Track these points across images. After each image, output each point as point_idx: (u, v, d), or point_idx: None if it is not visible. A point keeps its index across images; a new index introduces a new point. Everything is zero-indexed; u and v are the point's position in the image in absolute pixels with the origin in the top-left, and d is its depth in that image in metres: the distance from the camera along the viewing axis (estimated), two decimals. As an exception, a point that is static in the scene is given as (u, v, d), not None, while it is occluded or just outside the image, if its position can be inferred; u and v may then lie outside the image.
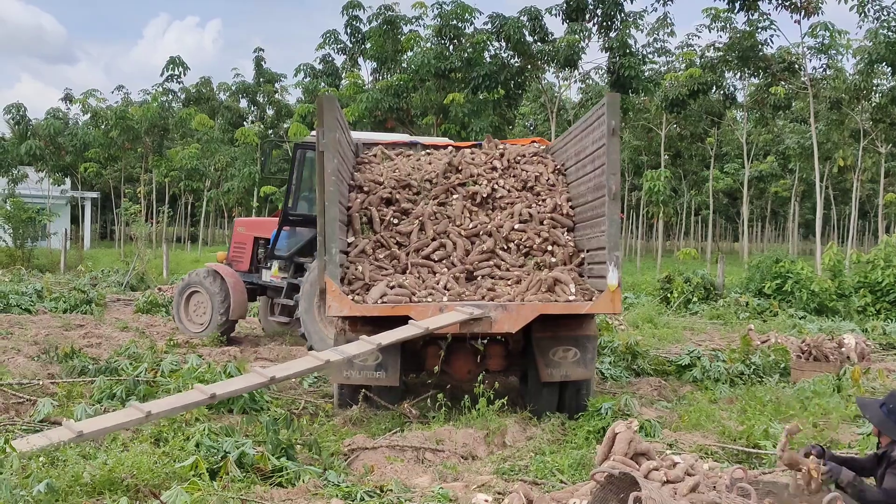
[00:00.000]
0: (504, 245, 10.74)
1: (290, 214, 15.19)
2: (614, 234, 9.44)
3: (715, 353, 13.77)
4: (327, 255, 9.38)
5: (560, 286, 9.88)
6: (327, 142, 9.44)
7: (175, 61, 41.76)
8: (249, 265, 16.38)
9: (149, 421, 7.52)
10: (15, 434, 8.04)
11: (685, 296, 22.36)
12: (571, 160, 11.40)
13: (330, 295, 9.25)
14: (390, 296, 9.63)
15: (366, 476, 7.31)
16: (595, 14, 29.87)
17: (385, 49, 31.84)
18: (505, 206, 11.27)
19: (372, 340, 8.94)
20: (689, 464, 6.03)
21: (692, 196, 55.23)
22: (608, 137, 9.46)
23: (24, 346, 13.76)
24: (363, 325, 9.69)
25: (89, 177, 50.82)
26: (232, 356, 13.56)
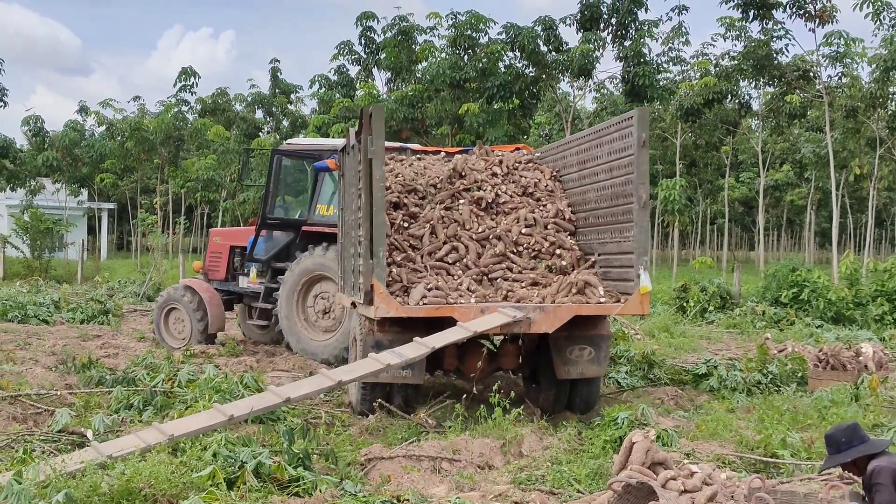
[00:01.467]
0: (513, 248, 11.05)
1: (269, 219, 15.63)
2: (644, 240, 9.86)
3: (732, 363, 13.71)
4: (374, 258, 9.68)
5: (589, 289, 10.30)
6: (376, 149, 9.70)
7: (187, 72, 41.89)
8: (226, 274, 16.74)
9: (231, 423, 8.05)
10: (34, 444, 8.07)
11: (701, 305, 22.31)
12: (572, 168, 11.75)
13: (377, 297, 9.55)
14: (429, 297, 9.98)
15: (382, 486, 7.31)
16: (609, 23, 29.87)
17: (400, 59, 31.87)
18: (508, 210, 11.55)
19: (426, 343, 9.31)
20: (706, 473, 6.02)
21: (707, 205, 55.11)
22: (637, 149, 9.78)
23: (42, 357, 13.83)
24: (391, 325, 10.04)
25: (106, 188, 51.02)
26: (248, 367, 13.59)
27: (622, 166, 10.20)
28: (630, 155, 9.97)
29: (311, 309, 14.78)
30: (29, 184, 41.13)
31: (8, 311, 19.93)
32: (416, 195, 11.51)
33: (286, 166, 16.28)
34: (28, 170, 39.89)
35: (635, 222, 9.85)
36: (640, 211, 9.83)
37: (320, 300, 14.72)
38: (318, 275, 14.64)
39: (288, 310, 14.73)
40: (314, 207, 15.22)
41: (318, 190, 15.24)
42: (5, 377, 11.23)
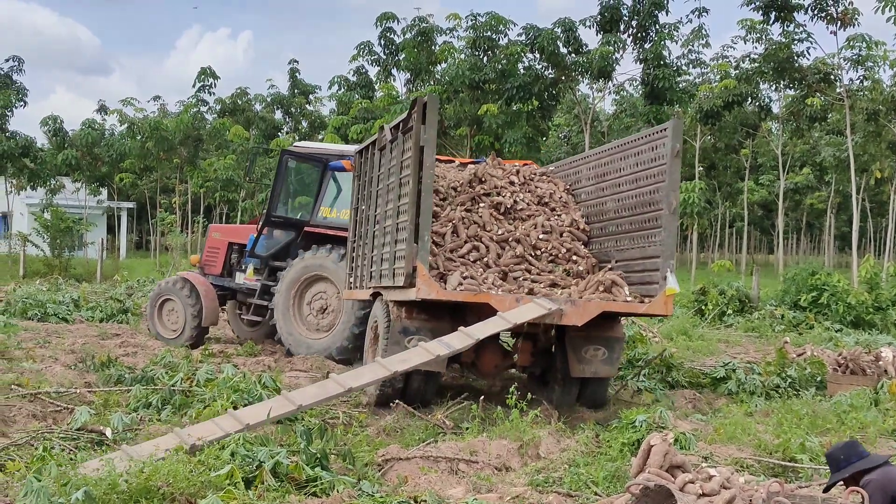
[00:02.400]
0: (532, 252, 11.43)
1: (273, 216, 15.94)
2: (671, 244, 10.43)
3: (750, 366, 13.67)
4: (419, 241, 10.14)
5: (616, 288, 10.77)
6: (428, 137, 10.17)
7: (206, 72, 42.04)
8: (222, 269, 16.98)
9: (299, 412, 8.47)
10: (53, 442, 8.11)
11: (720, 308, 22.25)
12: (588, 181, 12.43)
13: (420, 279, 9.99)
14: (465, 285, 10.38)
15: (400, 486, 7.31)
16: (630, 25, 29.83)
17: (419, 60, 31.88)
18: (525, 217, 11.99)
19: (471, 333, 9.69)
20: (724, 477, 5.99)
21: (727, 208, 54.95)
22: (671, 158, 10.28)
23: (62, 355, 13.89)
24: (418, 312, 10.60)
25: (125, 187, 51.25)
26: (266, 366, 13.62)
27: (651, 175, 10.70)
28: (662, 164, 10.44)
29: (307, 307, 15.11)
30: (49, 183, 41.33)
31: (28, 310, 20.03)
32: (437, 196, 11.68)
33: (293, 167, 16.58)
34: (48, 169, 40.08)
35: (664, 227, 10.37)
36: (670, 217, 10.33)
37: (318, 299, 15.05)
38: (316, 275, 15.01)
39: (284, 306, 15.08)
40: (318, 209, 15.56)
41: (323, 192, 15.59)
42: (25, 375, 11.29)
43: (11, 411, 9.47)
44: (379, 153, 12.09)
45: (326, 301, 14.98)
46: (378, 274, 11.53)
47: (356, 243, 13.23)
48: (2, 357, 13.03)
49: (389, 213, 11.27)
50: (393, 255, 10.88)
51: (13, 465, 7.31)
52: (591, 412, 11.01)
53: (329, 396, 8.89)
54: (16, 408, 9.56)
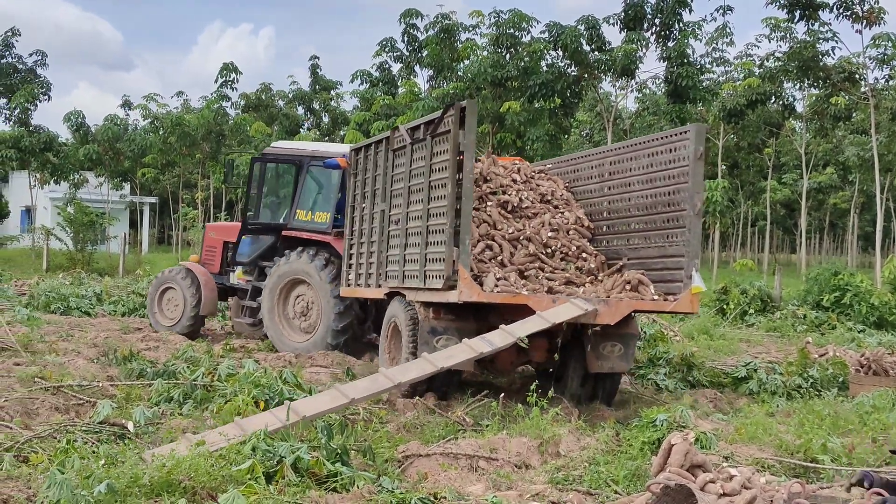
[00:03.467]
0: (543, 250, 11.63)
1: (250, 224, 16.33)
2: (696, 244, 10.79)
3: (772, 366, 13.61)
4: (461, 245, 10.25)
5: (642, 287, 11.06)
6: (468, 142, 10.30)
7: (228, 67, 42.16)
8: (220, 267, 17.18)
9: (353, 405, 8.69)
10: (76, 435, 8.16)
11: (741, 307, 22.16)
12: (590, 179, 12.69)
13: (462, 282, 10.16)
14: (500, 286, 10.61)
15: (420, 483, 7.31)
16: (653, 23, 29.73)
17: (442, 57, 31.91)
18: (531, 215, 12.12)
19: (512, 332, 9.90)
20: (745, 477, 5.98)
21: (749, 207, 54.72)
22: (693, 161, 10.57)
23: (84, 349, 13.95)
24: (445, 313, 10.81)
25: (147, 182, 51.45)
26: (287, 362, 13.65)
27: (670, 177, 10.96)
28: (683, 166, 10.71)
29: (291, 310, 15.37)
30: (72, 177, 41.56)
31: (51, 303, 20.17)
32: None
33: (268, 170, 16.74)
34: (71, 163, 40.30)
35: (688, 227, 10.68)
36: (694, 217, 10.65)
37: (300, 302, 15.29)
38: (296, 279, 15.23)
39: (270, 308, 15.37)
40: (294, 213, 15.72)
41: (298, 195, 15.74)
42: (48, 368, 11.34)
43: (35, 404, 9.52)
44: (392, 154, 12.18)
45: (307, 304, 15.21)
46: (400, 275, 11.60)
47: (354, 241, 13.43)
48: (25, 350, 13.10)
49: (415, 215, 11.32)
50: (423, 257, 10.95)
51: (36, 457, 7.35)
52: (612, 411, 11.00)
53: (380, 390, 9.10)
54: (39, 400, 9.61)
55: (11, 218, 63.82)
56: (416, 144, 11.41)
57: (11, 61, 38.27)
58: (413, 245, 11.34)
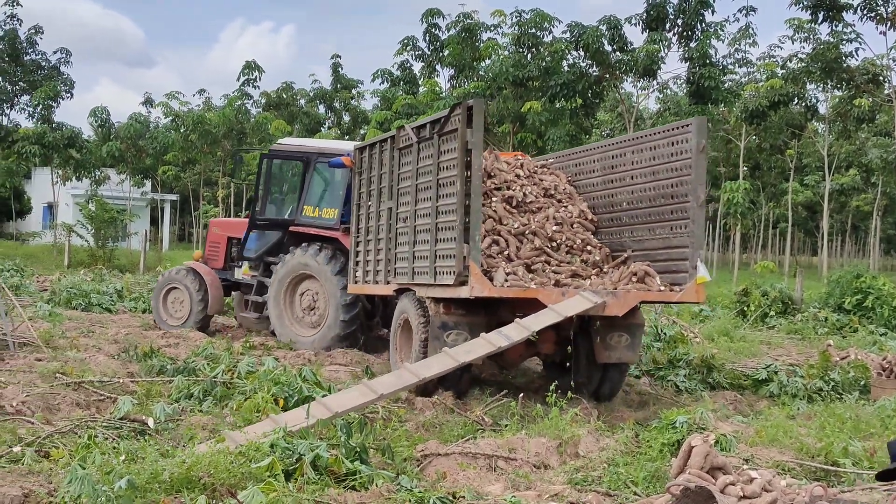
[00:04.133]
0: (548, 244, 11.80)
1: (258, 219, 16.40)
2: (700, 235, 10.99)
3: (792, 369, 13.55)
4: (471, 241, 10.46)
5: (649, 278, 11.25)
6: (476, 141, 10.49)
7: (251, 65, 42.25)
8: (223, 263, 17.44)
9: (381, 400, 9.02)
10: (96, 431, 8.20)
11: (762, 309, 22.07)
12: (593, 173, 12.90)
13: (473, 277, 10.36)
14: (511, 281, 10.75)
15: (438, 482, 7.31)
16: (675, 24, 29.63)
17: (463, 56, 31.91)
18: (535, 210, 12.31)
19: (527, 325, 10.15)
20: (766, 479, 5.95)
21: (771, 208, 54.49)
22: (696, 154, 10.79)
23: (105, 345, 14.03)
24: (455, 308, 11.03)
25: (168, 179, 51.64)
26: (307, 360, 13.68)
27: (673, 169, 11.18)
28: (685, 159, 10.94)
29: (298, 305, 15.61)
30: (94, 174, 41.75)
31: (72, 299, 20.28)
32: None
33: (275, 167, 16.96)
34: (94, 160, 40.49)
35: (692, 219, 10.90)
36: (698, 209, 10.87)
37: (306, 297, 15.52)
38: (303, 273, 15.43)
39: (276, 305, 15.62)
40: (301, 208, 15.91)
41: (306, 191, 15.92)
42: (69, 364, 11.41)
43: (56, 399, 9.58)
44: (398, 152, 12.35)
45: (314, 298, 15.42)
46: (409, 271, 11.82)
47: (361, 238, 13.66)
48: (47, 346, 13.18)
49: (423, 213, 11.54)
50: (433, 253, 11.14)
51: (58, 452, 7.40)
52: (631, 411, 10.98)
53: (405, 385, 9.28)
54: (60, 396, 9.67)
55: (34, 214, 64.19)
56: (422, 143, 11.60)
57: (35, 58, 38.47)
58: (422, 242, 11.53)
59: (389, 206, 12.61)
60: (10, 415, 8.83)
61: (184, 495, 6.31)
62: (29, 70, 38.16)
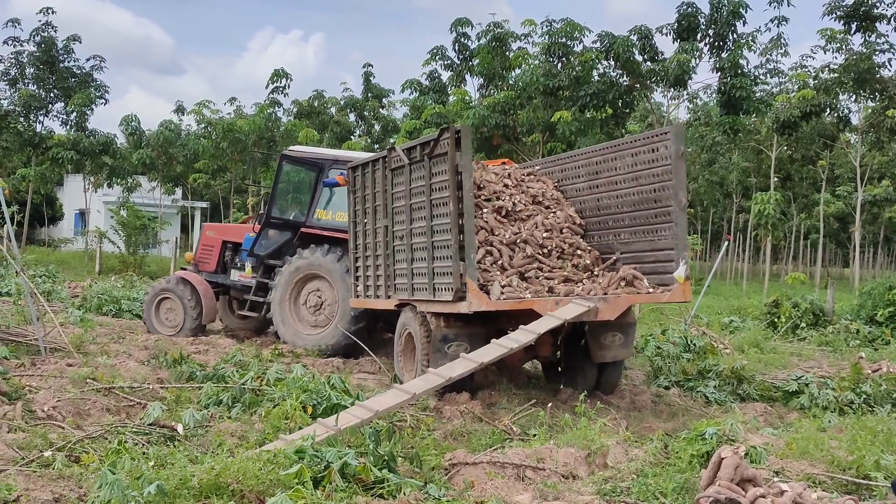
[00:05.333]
0: (540, 251, 12.25)
1: (273, 218, 16.88)
2: (683, 237, 11.49)
3: (824, 381, 13.44)
4: (467, 259, 10.89)
5: (637, 281, 11.71)
6: (465, 164, 10.94)
7: (279, 73, 42.38)
8: (216, 266, 17.81)
9: (415, 400, 9.64)
10: (126, 436, 8.25)
11: (793, 321, 21.89)
12: (578, 178, 13.38)
13: (471, 293, 10.81)
14: (506, 293, 11.14)
15: (466, 491, 7.31)
16: (707, 34, 29.49)
17: (493, 66, 31.88)
18: (525, 218, 12.75)
19: (532, 329, 10.68)
20: (797, 492, 5.91)
21: (802, 220, 54.12)
22: (675, 160, 11.35)
23: (135, 351, 14.13)
24: (455, 321, 11.48)
25: (199, 187, 51.89)
26: (335, 367, 13.73)
27: (654, 175, 11.74)
28: (666, 165, 11.49)
29: (303, 305, 16.00)
30: (126, 181, 42.02)
31: (103, 306, 20.42)
32: None
33: (290, 170, 17.53)
34: (126, 167, 40.76)
35: (675, 222, 11.41)
36: (680, 213, 11.39)
37: (313, 296, 15.94)
38: (313, 273, 15.88)
39: (281, 304, 15.96)
40: (313, 211, 16.40)
41: (318, 195, 16.41)
42: (100, 370, 11.49)
43: (86, 405, 9.65)
44: (391, 173, 12.76)
45: (321, 298, 15.86)
46: (409, 287, 12.29)
47: (360, 255, 14.11)
48: (78, 351, 13.28)
49: (418, 231, 11.97)
50: (431, 270, 11.60)
51: (88, 457, 7.46)
52: (661, 422, 10.91)
53: (434, 386, 9.80)
54: (91, 401, 9.75)
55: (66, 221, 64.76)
56: (413, 165, 12.05)
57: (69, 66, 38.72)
58: (419, 259, 12.01)
59: (385, 225, 13.05)
60: (41, 419, 8.92)
61: (212, 501, 6.34)
62: (62, 77, 38.43)
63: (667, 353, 14.71)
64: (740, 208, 52.42)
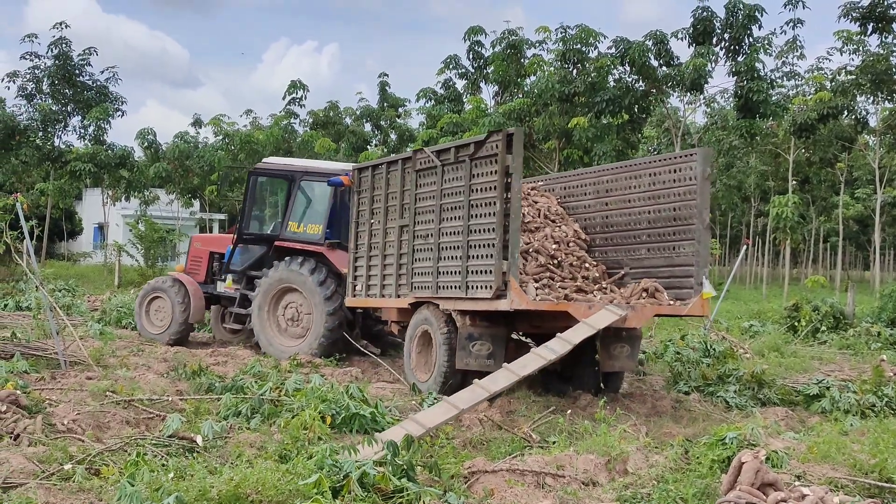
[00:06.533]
0: (551, 261, 12.54)
1: (245, 234, 17.11)
2: (706, 254, 11.99)
3: (845, 384, 13.35)
4: (510, 258, 11.09)
5: (658, 294, 12.14)
6: (516, 165, 11.16)
7: (296, 84, 42.48)
8: (205, 277, 17.99)
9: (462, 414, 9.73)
10: (145, 448, 8.26)
11: (813, 325, 21.78)
12: (585, 196, 13.87)
13: (513, 291, 11.01)
14: (541, 294, 11.53)
15: (486, 499, 7.29)
16: (722, 38, 29.42)
17: (508, 73, 31.88)
18: (534, 229, 13.12)
19: (568, 339, 10.84)
20: (818, 496, 5.87)
21: (821, 223, 53.86)
22: (701, 181, 11.89)
23: (155, 363, 14.16)
24: (481, 319, 11.84)
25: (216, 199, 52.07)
26: (354, 377, 13.73)
27: (677, 194, 12.21)
28: (691, 185, 12.01)
29: (281, 317, 16.21)
30: (143, 194, 42.19)
31: (122, 318, 20.48)
32: None
33: (262, 184, 17.69)
34: (143, 180, 40.93)
35: (698, 239, 11.92)
36: (703, 231, 11.90)
37: (289, 309, 16.14)
38: (287, 286, 16.05)
39: (260, 316, 16.19)
40: (286, 224, 16.55)
41: (291, 207, 16.59)
42: (119, 382, 11.52)
43: (106, 417, 9.67)
44: (415, 174, 12.96)
45: (298, 310, 16.05)
46: (433, 285, 12.44)
47: (362, 254, 14.32)
48: (97, 364, 13.33)
49: (450, 230, 12.18)
50: (465, 269, 11.78)
51: (108, 469, 7.46)
52: (681, 428, 10.85)
53: (479, 399, 9.95)
54: (110, 414, 9.76)
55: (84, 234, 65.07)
56: (447, 166, 12.26)
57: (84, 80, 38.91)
58: (449, 258, 12.20)
59: (403, 224, 13.19)
60: (61, 433, 8.94)
61: (231, 512, 6.33)
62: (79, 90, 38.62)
63: (686, 358, 14.65)
64: (759, 212, 52.23)
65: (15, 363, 12.31)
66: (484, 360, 11.77)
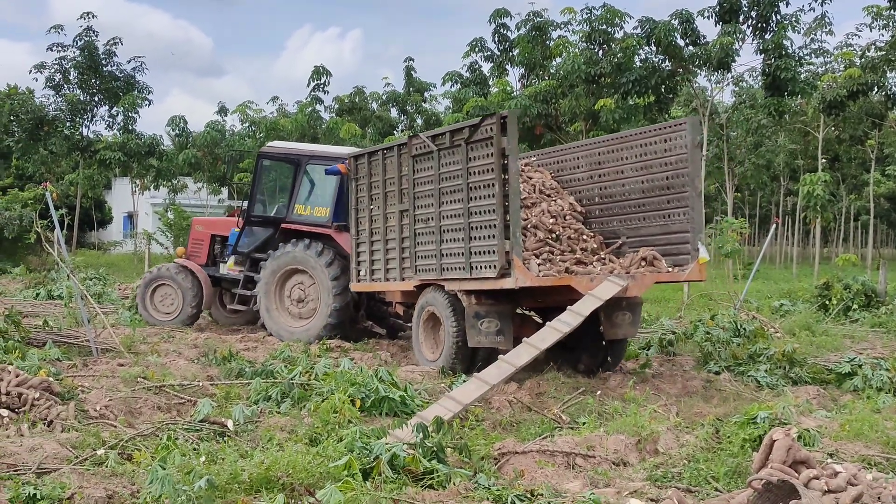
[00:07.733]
0: (549, 236, 12.80)
1: (252, 216, 17.27)
2: (700, 220, 12.38)
3: (877, 362, 13.24)
4: (512, 238, 11.32)
5: (657, 261, 12.51)
6: (512, 147, 11.34)
7: (320, 71, 42.49)
8: (206, 259, 18.24)
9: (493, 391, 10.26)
10: (177, 433, 8.31)
11: (844, 303, 21.61)
12: (578, 169, 14.12)
13: (517, 269, 11.28)
14: (544, 270, 11.79)
15: (516, 480, 7.28)
16: (749, 16, 29.15)
17: (534, 55, 31.76)
18: (530, 205, 13.25)
19: (579, 311, 11.09)
20: (851, 473, 5.82)
21: (851, 201, 53.43)
22: (691, 149, 12.21)
23: (185, 349, 14.25)
24: (486, 298, 12.09)
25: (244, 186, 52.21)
26: (383, 361, 13.76)
27: (668, 163, 12.52)
28: (681, 154, 12.30)
29: (287, 298, 16.38)
30: (172, 182, 42.38)
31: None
32: None
33: (268, 167, 17.90)
34: (172, 168, 41.12)
35: (691, 206, 12.26)
36: (696, 198, 12.27)
37: (296, 290, 16.31)
38: (295, 267, 16.22)
39: (266, 298, 16.36)
40: (292, 207, 16.73)
41: (297, 190, 16.76)
42: (151, 368, 11.60)
43: (138, 403, 9.74)
44: (412, 159, 13.10)
45: (304, 291, 16.22)
46: (437, 267, 12.67)
47: (364, 240, 14.54)
48: (129, 351, 13.43)
49: (450, 213, 12.37)
50: (468, 250, 12.00)
51: (140, 454, 7.52)
52: (711, 407, 10.79)
53: (507, 375, 10.01)
54: (142, 400, 9.84)
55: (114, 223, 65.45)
56: (443, 151, 12.42)
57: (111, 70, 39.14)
58: (451, 240, 12.40)
59: (402, 209, 13.37)
60: (94, 419, 9.01)
61: (262, 495, 6.36)
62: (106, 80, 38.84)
63: (716, 338, 14.55)
64: (788, 191, 51.84)
65: (47, 351, 12.44)
66: (494, 336, 12.05)
